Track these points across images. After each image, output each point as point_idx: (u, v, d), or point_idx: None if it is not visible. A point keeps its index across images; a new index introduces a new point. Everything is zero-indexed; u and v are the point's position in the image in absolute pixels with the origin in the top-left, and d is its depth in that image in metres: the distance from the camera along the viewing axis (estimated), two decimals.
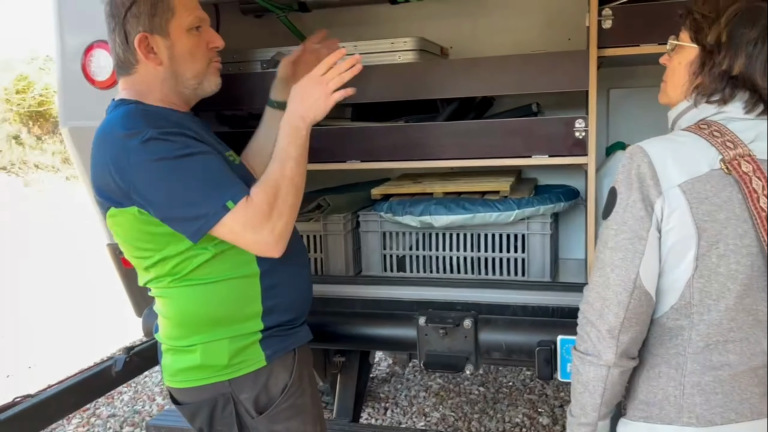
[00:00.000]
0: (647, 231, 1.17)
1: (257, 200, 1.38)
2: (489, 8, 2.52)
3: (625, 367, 1.23)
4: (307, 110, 1.50)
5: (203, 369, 1.49)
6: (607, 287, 1.20)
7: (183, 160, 1.36)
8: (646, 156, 1.18)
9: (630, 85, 2.44)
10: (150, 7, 1.46)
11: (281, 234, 1.42)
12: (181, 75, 1.52)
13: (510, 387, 3.79)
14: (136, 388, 4.00)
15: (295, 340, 1.58)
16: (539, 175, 2.51)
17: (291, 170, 1.45)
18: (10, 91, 14.74)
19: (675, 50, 1.31)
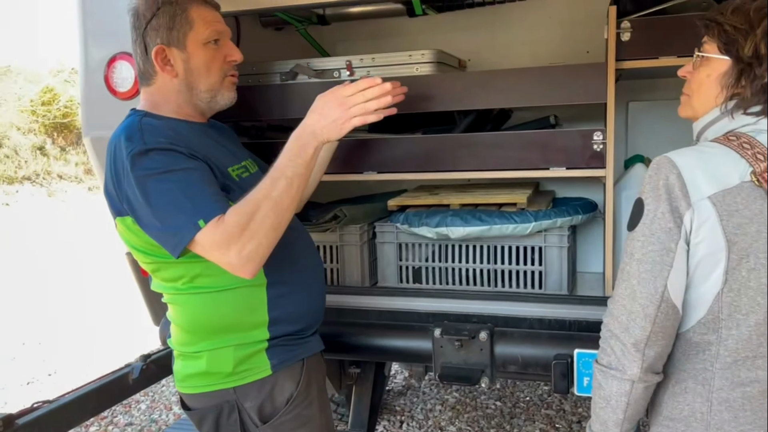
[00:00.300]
0: (676, 243, 1.15)
1: (228, 220, 1.34)
2: (507, 21, 2.53)
3: (650, 382, 1.20)
4: (322, 129, 1.46)
5: (209, 375, 1.51)
6: (633, 300, 1.18)
7: (165, 176, 1.36)
8: (674, 167, 1.16)
9: (650, 98, 2.43)
10: (169, 20, 1.49)
11: (250, 256, 1.35)
12: (195, 87, 1.55)
13: (527, 402, 3.75)
14: (153, 397, 4.02)
15: (304, 350, 1.58)
16: (557, 188, 2.50)
17: (280, 191, 1.39)
18: (36, 103, 15.03)
19: (701, 62, 1.29)
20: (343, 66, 2.16)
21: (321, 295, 1.69)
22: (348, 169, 2.11)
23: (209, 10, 1.56)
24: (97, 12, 2.06)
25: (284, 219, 1.40)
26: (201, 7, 1.53)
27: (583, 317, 1.88)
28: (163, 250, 1.40)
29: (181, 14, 1.50)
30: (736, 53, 1.22)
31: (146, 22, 1.49)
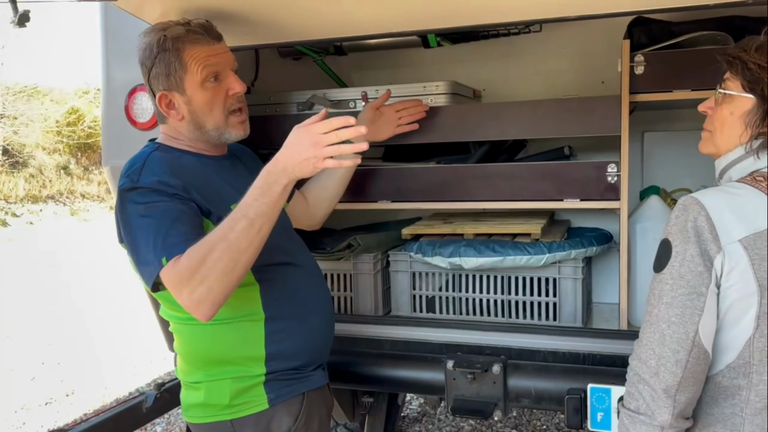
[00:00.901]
0: (707, 287, 1.12)
1: (181, 262, 1.32)
2: (521, 51, 2.55)
3: (680, 428, 1.17)
4: (294, 166, 1.35)
5: (207, 407, 1.53)
6: (663, 344, 1.15)
7: (146, 212, 1.39)
8: (702, 208, 1.14)
9: (665, 129, 2.42)
10: (165, 67, 1.51)
11: (200, 299, 1.31)
12: (203, 126, 1.57)
13: (544, 430, 3.70)
14: (169, 419, 4.03)
15: (305, 385, 1.57)
16: (573, 217, 2.49)
17: (238, 232, 1.32)
18: (62, 124, 15.34)
19: (723, 99, 1.27)
20: (359, 96, 2.18)
21: (325, 330, 1.67)
22: (362, 197, 2.13)
23: (202, 47, 1.53)
24: (120, 42, 2.11)
25: (241, 262, 1.34)
26: (194, 47, 1.52)
27: (597, 350, 1.86)
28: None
29: (175, 60, 1.51)
30: (761, 92, 1.20)
31: (148, 71, 1.54)
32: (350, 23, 1.82)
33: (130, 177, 1.45)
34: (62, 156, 15.30)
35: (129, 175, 1.45)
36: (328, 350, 1.71)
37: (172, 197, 1.42)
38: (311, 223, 1.97)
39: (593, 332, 1.94)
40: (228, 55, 1.59)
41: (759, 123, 1.21)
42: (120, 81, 2.12)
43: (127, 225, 1.42)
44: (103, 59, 2.16)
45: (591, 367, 1.84)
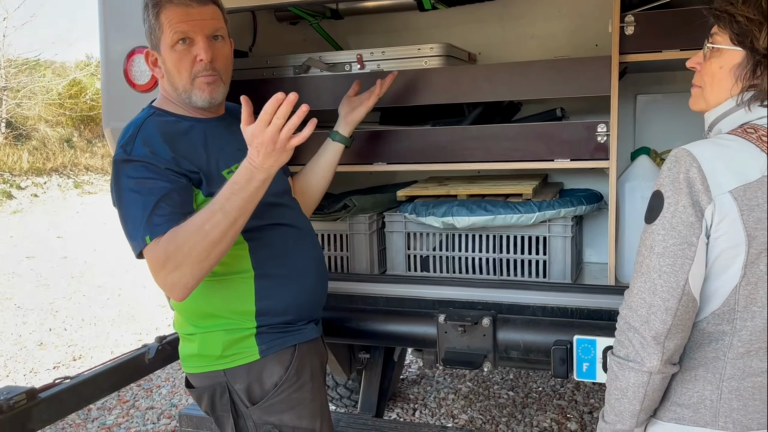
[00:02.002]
0: (697, 237, 1.14)
1: (160, 245, 1.39)
2: (517, 14, 2.56)
3: (667, 373, 1.21)
4: (263, 161, 1.38)
5: (201, 357, 1.60)
6: (653, 293, 1.17)
7: (136, 186, 1.45)
8: (694, 160, 1.15)
9: (658, 91, 2.44)
10: (149, 27, 1.60)
11: (173, 284, 1.40)
12: (176, 87, 1.61)
13: (540, 392, 3.79)
14: (174, 382, 4.13)
15: (296, 337, 1.63)
16: (565, 179, 2.53)
17: (214, 224, 1.38)
18: (64, 96, 15.32)
19: (711, 54, 1.27)
20: (354, 59, 2.21)
21: (316, 288, 1.72)
22: (359, 159, 2.17)
23: (177, 9, 1.55)
24: (117, 7, 2.13)
25: (215, 252, 1.40)
26: (170, 8, 1.55)
27: (584, 305, 1.92)
28: None
29: (154, 19, 1.57)
30: (750, 45, 1.20)
31: (144, 28, 1.62)
32: None
33: (123, 147, 1.50)
34: (65, 129, 15.30)
35: (123, 146, 1.50)
36: (320, 307, 1.76)
37: (161, 173, 1.46)
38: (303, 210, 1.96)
39: (581, 288, 2.00)
40: (206, 22, 1.57)
41: (749, 75, 1.21)
42: (118, 44, 2.15)
43: (119, 196, 1.48)
44: (101, 23, 2.19)
45: (578, 320, 1.89)
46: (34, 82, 14.97)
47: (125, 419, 3.66)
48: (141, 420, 3.65)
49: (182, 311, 1.64)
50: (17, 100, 14.16)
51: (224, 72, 1.64)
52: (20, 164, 12.88)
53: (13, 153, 13.05)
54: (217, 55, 1.59)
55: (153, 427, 3.56)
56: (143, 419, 3.66)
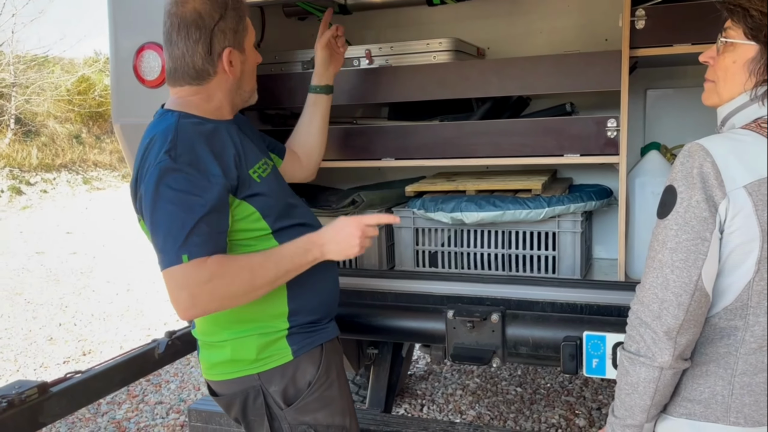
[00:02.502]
0: (711, 232, 1.14)
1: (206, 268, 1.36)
2: (526, 9, 2.54)
3: (679, 368, 1.20)
4: (330, 248, 1.53)
5: (234, 363, 1.57)
6: (666, 288, 1.17)
7: (177, 199, 1.39)
8: (708, 155, 1.15)
9: (668, 86, 2.43)
10: (235, 23, 1.55)
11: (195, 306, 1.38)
12: (242, 87, 1.63)
13: (548, 388, 3.79)
14: (182, 377, 4.16)
15: (322, 336, 1.64)
16: (575, 175, 2.52)
17: (264, 271, 1.45)
18: (72, 93, 15.38)
19: (725, 48, 1.26)
20: (363, 54, 2.21)
21: (336, 287, 1.75)
22: (366, 155, 2.17)
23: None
24: (126, 3, 2.14)
25: (249, 296, 1.45)
26: (245, 12, 1.61)
27: (594, 301, 1.91)
28: None
29: (242, 19, 1.57)
30: (764, 39, 1.20)
31: (214, 23, 1.51)
32: None
33: (168, 153, 1.41)
34: (74, 125, 15.37)
35: (167, 152, 1.42)
36: (337, 304, 1.77)
37: (203, 189, 1.41)
38: (307, 174, 1.99)
39: (591, 283, 1.99)
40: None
41: (763, 70, 1.20)
42: (127, 40, 2.15)
43: (154, 204, 1.40)
44: (110, 19, 2.19)
45: (588, 316, 1.89)
46: (43, 79, 15.03)
47: (135, 414, 3.68)
48: (150, 414, 3.67)
49: (213, 318, 1.58)
50: (26, 97, 14.22)
51: None
52: (29, 160, 12.95)
53: (23, 149, 13.13)
54: None
55: (162, 422, 3.58)
56: (152, 414, 3.68)
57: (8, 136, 13.20)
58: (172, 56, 1.54)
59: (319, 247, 1.52)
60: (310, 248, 1.51)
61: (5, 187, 11.91)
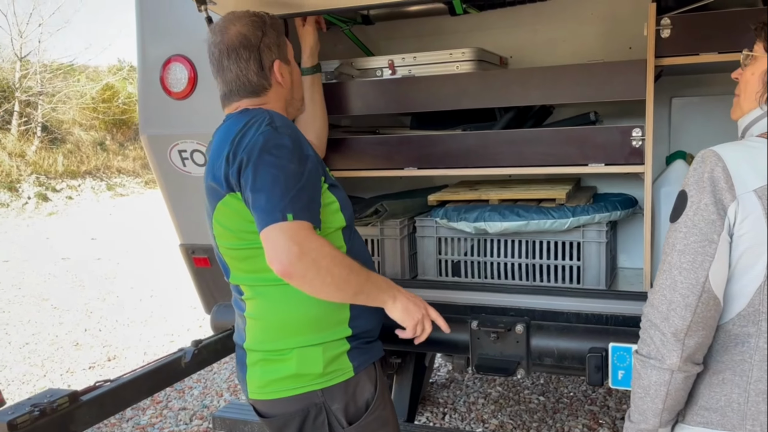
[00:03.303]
0: (718, 235, 1.15)
1: (319, 237, 1.41)
2: (548, 18, 2.54)
3: (689, 372, 1.21)
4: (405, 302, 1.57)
5: (298, 377, 1.52)
6: (674, 290, 1.18)
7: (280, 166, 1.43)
8: (720, 160, 1.17)
9: (694, 94, 2.41)
10: (276, 37, 1.64)
11: (301, 258, 1.37)
12: (295, 96, 1.72)
13: (571, 397, 3.75)
14: (205, 383, 4.19)
15: (375, 354, 1.65)
16: (599, 184, 2.51)
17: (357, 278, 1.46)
18: (97, 100, 15.64)
19: (747, 62, 1.30)
20: (386, 65, 2.22)
21: None
22: (390, 164, 2.18)
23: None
24: (154, 16, 2.17)
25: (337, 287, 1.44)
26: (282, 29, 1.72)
27: (619, 312, 1.90)
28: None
29: (281, 34, 1.67)
30: None
31: (259, 41, 1.60)
32: None
33: (270, 125, 1.48)
34: (98, 132, 15.62)
35: (269, 124, 1.49)
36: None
37: (301, 160, 1.47)
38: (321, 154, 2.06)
39: (616, 294, 1.98)
40: None
41: None
42: (154, 53, 2.19)
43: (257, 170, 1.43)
44: (138, 32, 2.23)
45: (613, 327, 1.87)
46: (69, 87, 15.31)
47: (159, 419, 3.72)
48: (174, 420, 3.71)
49: (276, 323, 1.55)
50: (52, 105, 14.49)
51: None
52: (55, 167, 13.19)
53: (49, 156, 13.37)
54: None
55: (185, 428, 3.62)
56: (176, 420, 3.71)
57: (35, 143, 13.45)
58: (226, 80, 1.61)
59: (397, 294, 1.55)
60: (390, 288, 1.55)
61: (32, 193, 12.13)
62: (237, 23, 1.60)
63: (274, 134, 1.46)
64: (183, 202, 2.34)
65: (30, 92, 14.16)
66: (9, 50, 14.49)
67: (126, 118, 16.25)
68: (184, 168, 2.23)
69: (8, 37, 14.59)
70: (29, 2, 15.17)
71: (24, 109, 13.86)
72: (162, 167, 2.27)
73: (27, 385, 4.37)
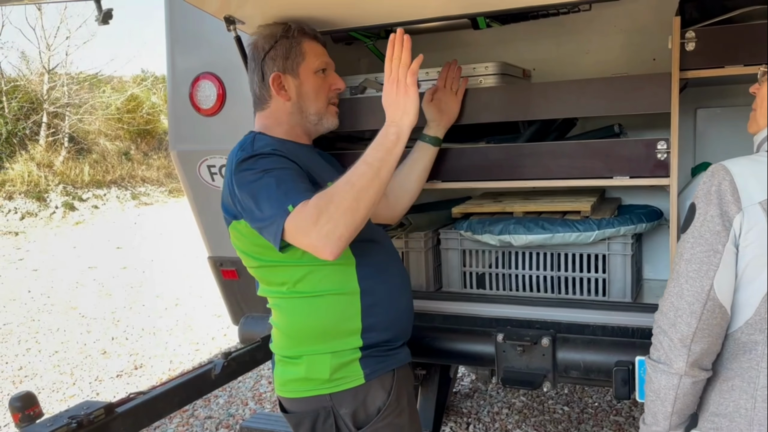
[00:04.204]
0: (723, 245, 1.20)
1: (310, 204, 1.41)
2: (572, 30, 2.55)
3: (697, 377, 1.26)
4: (400, 116, 1.53)
5: (307, 381, 1.61)
6: (680, 297, 1.24)
7: (265, 174, 1.50)
8: (728, 174, 1.22)
9: (718, 105, 2.39)
10: (285, 51, 1.71)
11: (327, 236, 1.39)
12: (305, 110, 1.74)
13: (596, 407, 3.73)
14: (231, 392, 4.23)
15: (394, 362, 1.66)
16: (624, 195, 2.50)
17: (358, 175, 1.45)
18: (122, 111, 15.91)
19: (765, 78, 1.33)
20: None
21: (409, 307, 1.76)
22: None
23: (318, 45, 1.78)
24: (184, 34, 2.23)
25: (363, 201, 1.43)
26: (312, 41, 1.75)
27: (646, 324, 1.89)
28: (270, 253, 1.54)
29: (296, 47, 1.71)
30: None
31: (264, 53, 1.70)
32: (400, 9, 1.88)
33: (244, 150, 1.57)
34: (123, 142, 15.87)
35: (243, 149, 1.58)
36: (411, 326, 1.79)
37: (287, 160, 1.54)
38: (390, 216, 2.03)
39: (642, 307, 1.97)
40: (332, 60, 1.82)
41: None
42: (184, 70, 2.25)
43: (245, 189, 1.50)
44: (168, 50, 2.29)
45: (640, 340, 1.87)
46: (95, 98, 15.59)
47: (185, 428, 3.77)
48: (200, 429, 3.75)
49: (290, 331, 1.65)
50: (79, 116, 14.76)
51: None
52: (82, 177, 13.42)
53: (75, 166, 13.61)
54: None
55: None
56: (202, 428, 3.76)
57: (62, 154, 13.71)
58: (250, 87, 1.75)
59: (392, 123, 1.53)
60: (384, 132, 1.53)
61: (59, 203, 12.36)
62: (256, 34, 1.74)
63: (247, 154, 1.54)
64: (211, 215, 2.38)
65: (57, 104, 14.45)
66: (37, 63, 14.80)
67: (150, 128, 16.50)
68: (212, 183, 2.28)
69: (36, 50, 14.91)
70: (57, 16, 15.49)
71: (52, 120, 14.14)
72: (191, 182, 2.32)
73: (57, 393, 4.45)
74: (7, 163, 12.51)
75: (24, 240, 10.63)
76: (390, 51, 1.56)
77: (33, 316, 6.37)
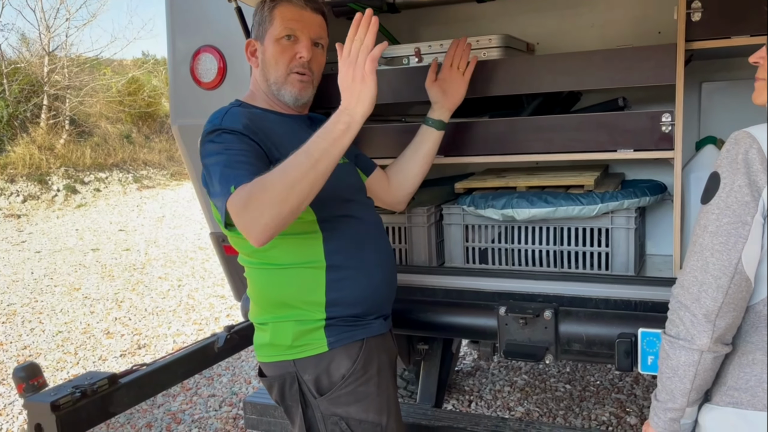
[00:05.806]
0: (752, 216, 1.16)
1: (246, 188, 1.38)
2: (576, 3, 2.52)
3: (719, 352, 1.22)
4: (354, 104, 1.38)
5: (272, 347, 1.65)
6: (705, 271, 1.19)
7: (224, 151, 1.50)
8: (754, 141, 1.16)
9: (724, 78, 2.37)
10: (260, 17, 1.71)
11: (253, 223, 1.36)
12: (267, 79, 1.72)
13: (597, 385, 3.75)
14: (234, 371, 4.26)
15: (364, 332, 1.65)
16: (627, 170, 2.49)
17: (294, 165, 1.37)
18: (123, 94, 15.85)
19: None
20: (412, 53, 2.22)
21: (386, 282, 1.74)
22: None
23: (293, 9, 1.69)
24: (184, 7, 2.21)
25: (295, 193, 1.36)
26: (287, 6, 1.69)
27: (648, 297, 1.89)
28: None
29: (268, 12, 1.70)
30: None
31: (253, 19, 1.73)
32: None
33: (211, 122, 1.60)
34: (124, 125, 15.83)
35: (211, 121, 1.60)
36: (390, 302, 1.78)
37: (245, 140, 1.54)
38: (393, 202, 2.01)
39: (645, 280, 1.97)
40: (313, 27, 1.72)
41: None
42: (184, 43, 2.22)
43: (204, 162, 1.54)
44: (168, 23, 2.27)
45: (642, 313, 1.87)
46: (95, 81, 15.52)
47: (189, 406, 3.80)
48: (204, 407, 3.78)
49: (257, 300, 1.70)
50: (80, 99, 14.71)
51: (316, 76, 1.77)
52: (83, 160, 13.40)
53: (77, 149, 13.58)
54: (314, 59, 1.73)
55: (215, 414, 3.69)
56: (206, 406, 3.79)
57: (63, 137, 13.68)
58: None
59: (344, 111, 1.39)
60: (335, 120, 1.39)
61: (61, 186, 12.36)
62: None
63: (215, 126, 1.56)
64: None
65: (58, 86, 14.39)
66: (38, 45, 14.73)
67: (151, 110, 16.44)
68: None
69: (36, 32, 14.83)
70: None
71: (52, 102, 14.09)
72: (192, 157, 2.30)
73: (61, 371, 4.48)
74: (9, 146, 12.49)
75: (26, 222, 10.65)
76: (353, 31, 1.40)
77: (36, 297, 6.40)
